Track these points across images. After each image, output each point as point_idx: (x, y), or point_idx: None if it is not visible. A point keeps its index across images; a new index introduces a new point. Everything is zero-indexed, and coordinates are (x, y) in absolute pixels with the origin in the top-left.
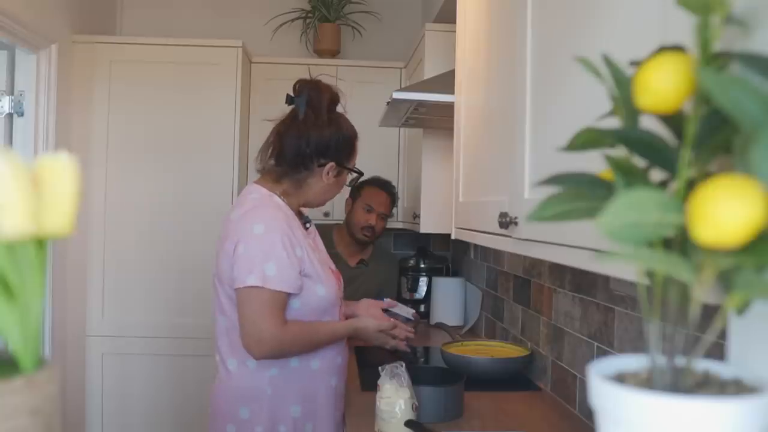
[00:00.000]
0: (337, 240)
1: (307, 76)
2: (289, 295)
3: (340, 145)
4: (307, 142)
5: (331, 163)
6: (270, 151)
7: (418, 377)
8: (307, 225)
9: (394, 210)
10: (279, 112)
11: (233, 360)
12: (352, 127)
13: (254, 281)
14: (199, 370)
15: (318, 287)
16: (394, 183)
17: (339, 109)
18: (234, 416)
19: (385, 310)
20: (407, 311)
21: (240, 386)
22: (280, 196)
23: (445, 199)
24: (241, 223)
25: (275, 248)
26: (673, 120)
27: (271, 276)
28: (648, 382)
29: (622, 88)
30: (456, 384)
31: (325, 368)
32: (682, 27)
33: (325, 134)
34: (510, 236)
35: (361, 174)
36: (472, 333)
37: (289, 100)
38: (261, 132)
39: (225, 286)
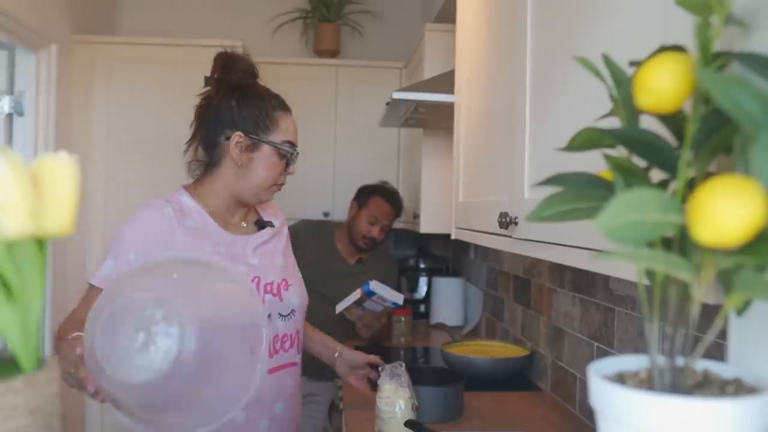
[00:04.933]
0: (338, 239)
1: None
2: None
3: (246, 108)
4: (216, 115)
5: (238, 133)
6: (189, 142)
7: (418, 377)
8: (266, 227)
9: None
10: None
11: None
12: (271, 94)
13: (90, 280)
14: None
15: None
16: (394, 183)
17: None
18: None
19: (369, 295)
20: (395, 296)
21: None
22: (192, 197)
23: (445, 199)
24: None
25: (113, 249)
26: (673, 120)
27: (98, 274)
28: (648, 382)
29: (622, 88)
30: (456, 384)
31: None
32: (682, 27)
33: (232, 102)
34: (510, 236)
35: (292, 150)
36: (472, 333)
37: (206, 81)
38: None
39: None
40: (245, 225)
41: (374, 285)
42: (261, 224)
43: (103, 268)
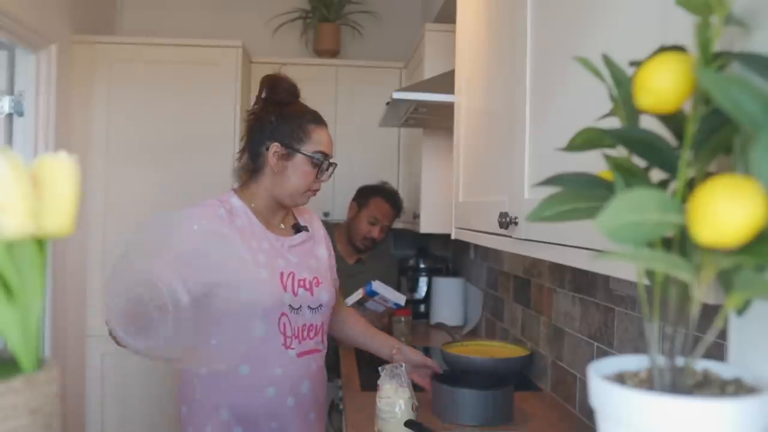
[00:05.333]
0: (337, 239)
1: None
2: None
3: (283, 123)
4: (259, 129)
5: (275, 143)
6: (240, 152)
7: (465, 380)
8: (301, 230)
9: None
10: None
11: None
12: (308, 110)
13: None
14: None
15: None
16: (394, 183)
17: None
18: (180, 414)
19: (371, 295)
20: (397, 296)
21: (179, 386)
22: (240, 198)
23: (445, 199)
24: None
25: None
26: (673, 120)
27: None
28: (648, 382)
29: (622, 88)
30: (504, 388)
31: (258, 376)
32: (682, 27)
33: (272, 117)
34: (510, 236)
35: (323, 160)
36: (472, 333)
37: (256, 99)
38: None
39: None
40: (283, 227)
41: (376, 285)
42: (297, 228)
43: None
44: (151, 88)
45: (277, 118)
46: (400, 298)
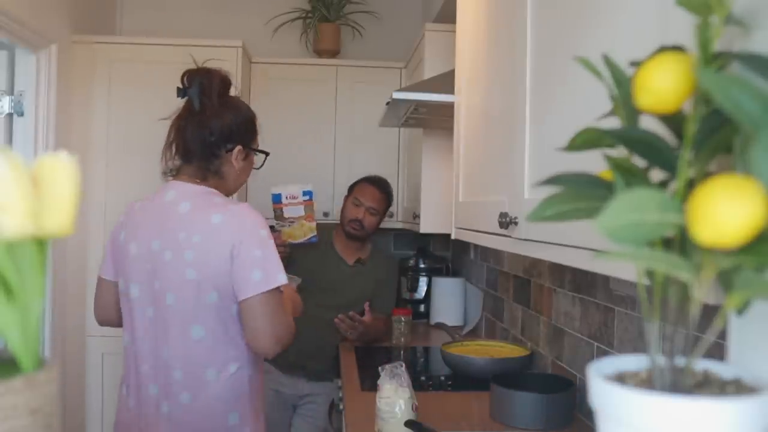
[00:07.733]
0: (336, 239)
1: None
2: None
3: (242, 127)
4: (210, 131)
5: (238, 147)
6: (174, 149)
7: (525, 384)
8: None
9: (393, 210)
10: (278, 114)
11: (212, 369)
12: (249, 108)
13: (283, 280)
14: None
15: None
16: (394, 183)
17: (232, 91)
18: (224, 426)
19: (277, 201)
20: (301, 186)
21: (224, 393)
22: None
23: (445, 199)
24: (240, 225)
25: (275, 249)
26: (673, 120)
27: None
28: (648, 382)
29: (622, 88)
30: (562, 392)
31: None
32: (682, 27)
33: (226, 119)
34: (510, 236)
35: (266, 153)
36: (472, 333)
37: (181, 92)
38: (261, 132)
39: (212, 293)
40: None
41: (276, 189)
42: None
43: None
44: (151, 88)
45: (237, 121)
46: (306, 185)
